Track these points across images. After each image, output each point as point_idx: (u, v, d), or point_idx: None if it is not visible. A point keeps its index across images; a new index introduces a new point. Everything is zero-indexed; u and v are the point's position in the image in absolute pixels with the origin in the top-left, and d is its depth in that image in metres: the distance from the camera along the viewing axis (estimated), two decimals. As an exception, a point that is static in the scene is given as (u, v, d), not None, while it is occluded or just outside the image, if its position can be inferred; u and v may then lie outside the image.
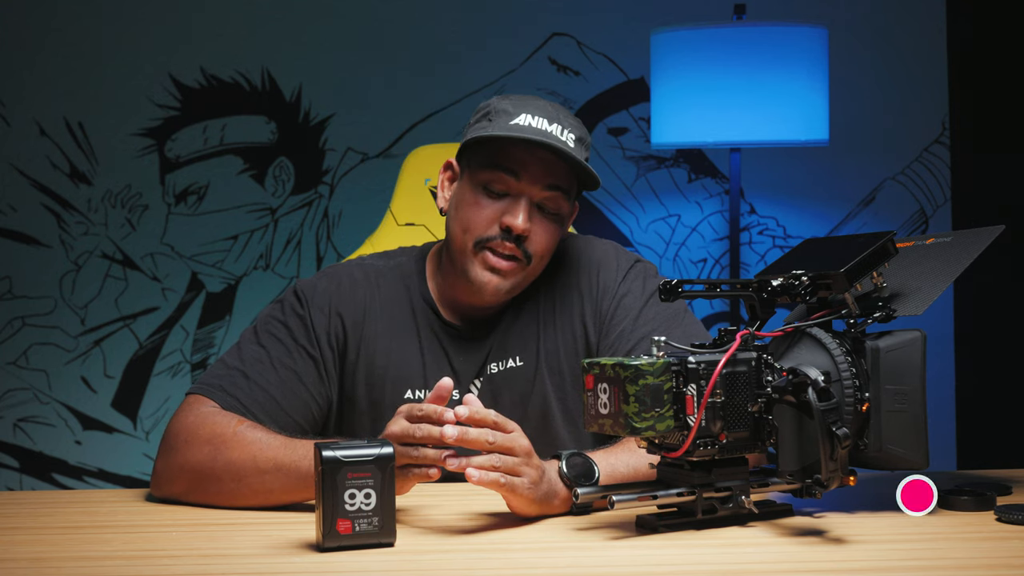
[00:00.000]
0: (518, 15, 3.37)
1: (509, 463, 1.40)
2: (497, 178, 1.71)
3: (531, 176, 1.70)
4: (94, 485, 3.37)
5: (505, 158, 1.70)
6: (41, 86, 3.35)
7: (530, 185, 1.70)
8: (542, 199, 1.71)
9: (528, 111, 1.70)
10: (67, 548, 1.38)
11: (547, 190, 1.71)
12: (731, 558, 1.30)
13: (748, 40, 2.93)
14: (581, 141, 1.72)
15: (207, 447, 1.58)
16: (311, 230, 3.38)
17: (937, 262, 1.52)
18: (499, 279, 1.72)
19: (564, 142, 1.68)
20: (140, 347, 3.38)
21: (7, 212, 3.36)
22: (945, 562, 1.28)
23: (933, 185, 3.42)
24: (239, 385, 1.69)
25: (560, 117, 1.71)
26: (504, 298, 1.76)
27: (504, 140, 1.69)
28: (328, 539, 1.31)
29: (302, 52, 3.36)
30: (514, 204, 1.70)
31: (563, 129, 1.70)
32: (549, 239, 1.74)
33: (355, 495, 1.32)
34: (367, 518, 1.32)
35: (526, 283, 1.76)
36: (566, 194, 1.73)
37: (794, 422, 1.35)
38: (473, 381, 1.79)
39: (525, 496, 1.42)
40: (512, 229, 1.69)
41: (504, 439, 1.40)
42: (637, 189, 3.40)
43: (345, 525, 1.31)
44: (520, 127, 1.69)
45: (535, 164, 1.70)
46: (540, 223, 1.72)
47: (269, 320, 1.78)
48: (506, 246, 1.70)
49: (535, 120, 1.69)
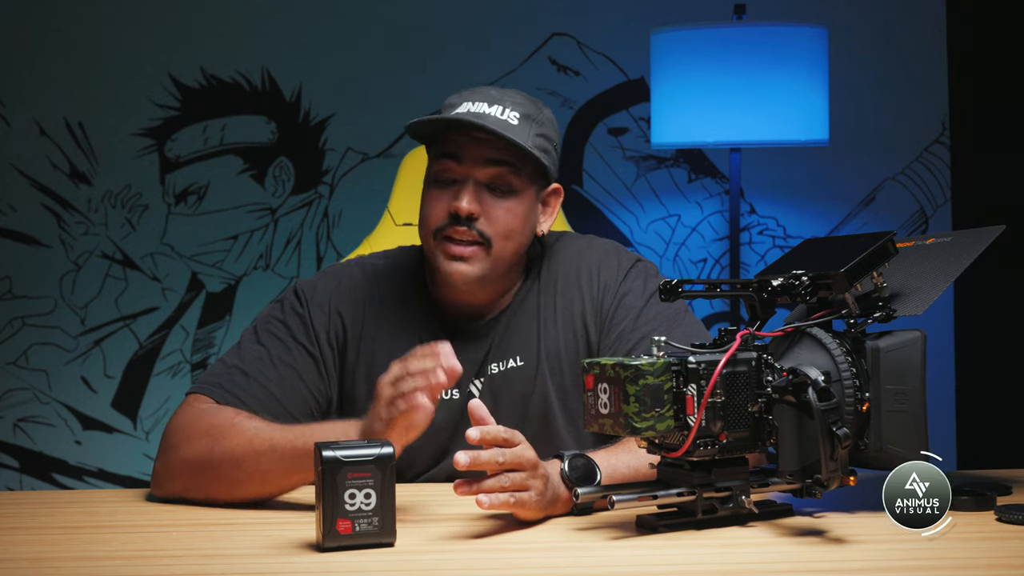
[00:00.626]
0: (518, 15, 3.37)
1: (517, 480, 1.39)
2: (443, 167, 1.73)
3: (471, 157, 1.72)
4: (94, 485, 3.37)
5: (445, 144, 1.73)
6: (41, 86, 3.35)
7: (472, 167, 1.72)
8: (488, 178, 1.72)
9: (472, 98, 1.73)
10: (67, 548, 1.38)
11: (489, 166, 1.72)
12: (731, 558, 1.30)
13: (748, 40, 2.92)
14: (528, 118, 1.72)
15: (205, 439, 1.58)
16: (311, 230, 3.38)
17: (937, 262, 1.52)
18: (465, 266, 1.71)
19: (503, 121, 1.69)
20: (140, 347, 3.38)
21: (7, 212, 3.36)
22: (945, 562, 1.28)
23: (933, 185, 3.42)
24: (238, 383, 1.69)
25: (504, 99, 1.72)
26: (476, 286, 1.74)
27: (446, 131, 1.72)
28: (328, 539, 1.31)
29: (302, 52, 3.36)
30: (460, 188, 1.72)
31: (504, 109, 1.71)
32: (508, 217, 1.73)
33: (355, 495, 1.32)
34: (367, 518, 1.32)
35: (499, 268, 1.75)
36: (513, 169, 1.73)
37: (794, 422, 1.35)
38: (473, 381, 1.78)
39: (533, 508, 1.42)
40: (459, 212, 1.70)
41: (512, 456, 1.39)
42: (637, 189, 3.40)
43: (345, 525, 1.31)
44: (458, 113, 1.71)
45: (472, 145, 1.71)
46: (492, 202, 1.72)
47: (269, 319, 1.78)
48: (458, 231, 1.71)
49: (475, 105, 1.71)
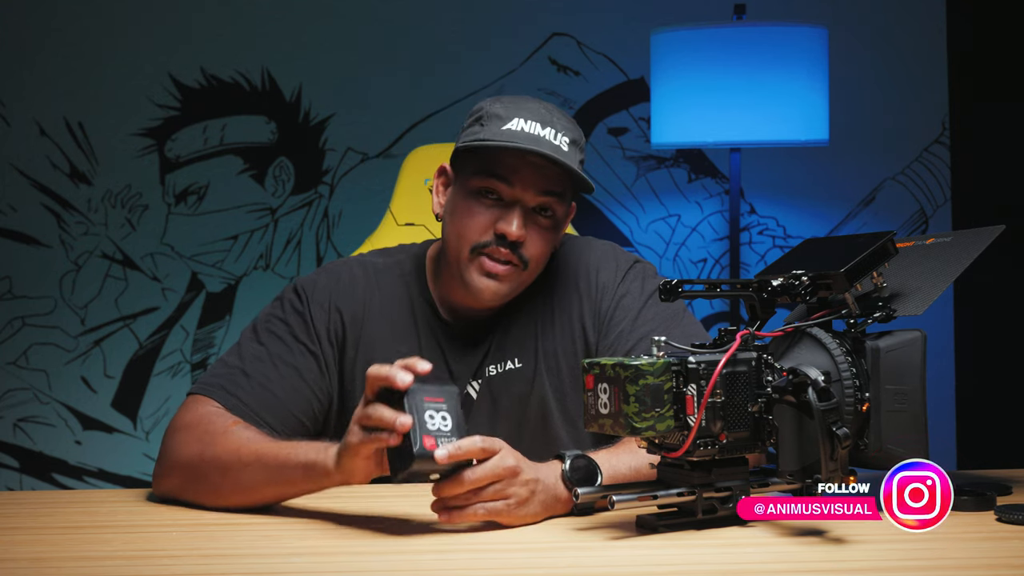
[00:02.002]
0: (518, 15, 3.37)
1: (489, 493, 1.39)
2: (490, 185, 1.70)
3: (524, 183, 1.69)
4: (94, 485, 3.37)
5: (498, 165, 1.69)
6: (41, 86, 3.35)
7: (523, 192, 1.70)
8: (536, 204, 1.71)
9: (521, 115, 1.69)
10: (67, 548, 1.38)
11: (541, 195, 1.70)
12: (731, 558, 1.30)
13: (748, 40, 2.93)
14: (575, 144, 1.71)
15: (197, 444, 1.58)
16: (311, 230, 3.38)
17: (937, 262, 1.52)
18: (497, 284, 1.71)
19: (557, 147, 1.67)
20: (140, 347, 3.38)
21: (7, 212, 3.36)
22: (945, 562, 1.28)
23: (933, 185, 3.42)
24: (239, 383, 1.69)
25: (554, 120, 1.70)
26: (502, 301, 1.76)
27: (496, 147, 1.69)
28: (420, 456, 1.34)
29: (302, 52, 3.36)
30: (508, 211, 1.70)
31: (556, 133, 1.69)
32: (545, 244, 1.73)
33: (434, 416, 1.37)
34: (447, 438, 1.36)
35: (523, 286, 1.76)
36: (560, 198, 1.72)
37: (794, 422, 1.35)
38: (471, 382, 1.78)
39: (515, 516, 1.41)
40: (507, 236, 1.69)
41: (482, 472, 1.38)
42: (637, 189, 3.40)
43: (430, 442, 1.35)
44: (512, 132, 1.68)
45: (528, 170, 1.69)
46: (535, 228, 1.71)
47: (269, 318, 1.78)
48: (501, 252, 1.70)
49: (528, 125, 1.68)
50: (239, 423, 1.61)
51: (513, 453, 1.41)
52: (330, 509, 1.51)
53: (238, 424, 1.60)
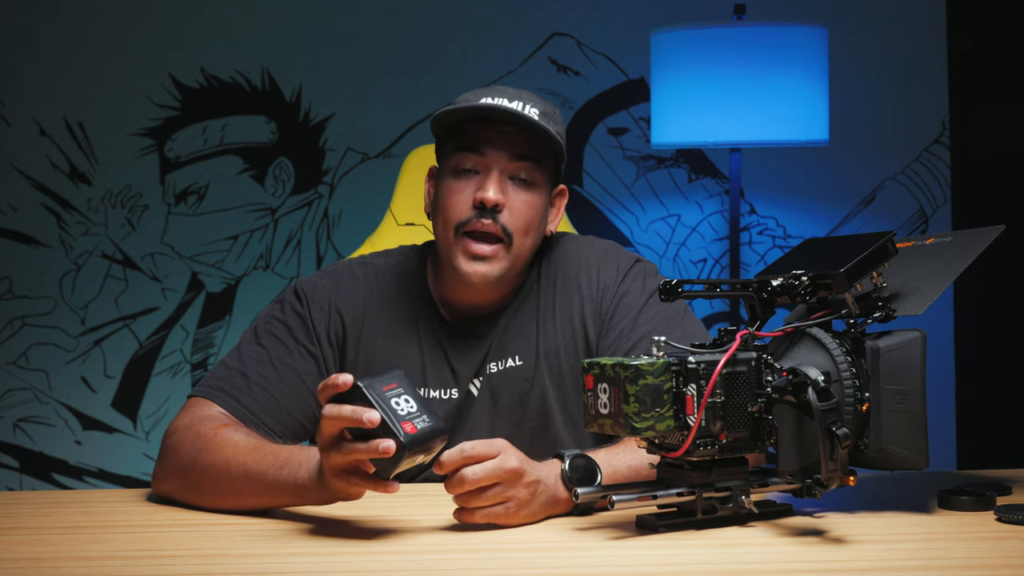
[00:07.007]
0: (518, 15, 3.37)
1: (490, 495, 1.39)
2: (464, 159, 1.73)
3: (496, 149, 1.71)
4: (94, 485, 3.37)
5: (468, 137, 1.72)
6: (41, 86, 3.35)
7: (496, 159, 1.71)
8: (512, 170, 1.72)
9: (489, 95, 1.72)
10: (67, 548, 1.38)
11: (515, 160, 1.72)
12: (731, 558, 1.30)
13: (748, 40, 2.93)
14: (547, 115, 1.73)
15: (191, 449, 1.58)
16: (311, 230, 3.38)
17: (937, 262, 1.52)
18: (486, 266, 1.71)
19: (525, 115, 1.69)
20: (140, 347, 3.38)
21: (7, 212, 3.36)
22: (945, 562, 1.28)
23: (933, 185, 3.42)
24: (239, 386, 1.69)
25: (523, 96, 1.73)
26: (495, 289, 1.75)
27: (466, 123, 1.71)
28: (409, 444, 1.32)
29: (302, 52, 3.36)
30: (484, 178, 1.72)
31: (525, 105, 1.71)
32: (528, 211, 1.73)
33: (399, 402, 1.35)
34: (420, 418, 1.35)
35: (516, 267, 1.75)
36: (536, 164, 1.74)
37: (794, 422, 1.35)
38: (472, 380, 1.79)
39: (517, 517, 1.41)
40: (485, 203, 1.69)
41: (483, 472, 1.38)
42: (637, 189, 3.40)
43: (409, 426, 1.34)
44: (483, 103, 1.70)
45: (498, 137, 1.71)
46: (515, 195, 1.72)
47: (269, 320, 1.78)
48: (483, 223, 1.70)
49: (495, 100, 1.71)
50: (228, 426, 1.61)
51: (516, 454, 1.41)
52: (330, 509, 1.51)
53: (227, 427, 1.60)
